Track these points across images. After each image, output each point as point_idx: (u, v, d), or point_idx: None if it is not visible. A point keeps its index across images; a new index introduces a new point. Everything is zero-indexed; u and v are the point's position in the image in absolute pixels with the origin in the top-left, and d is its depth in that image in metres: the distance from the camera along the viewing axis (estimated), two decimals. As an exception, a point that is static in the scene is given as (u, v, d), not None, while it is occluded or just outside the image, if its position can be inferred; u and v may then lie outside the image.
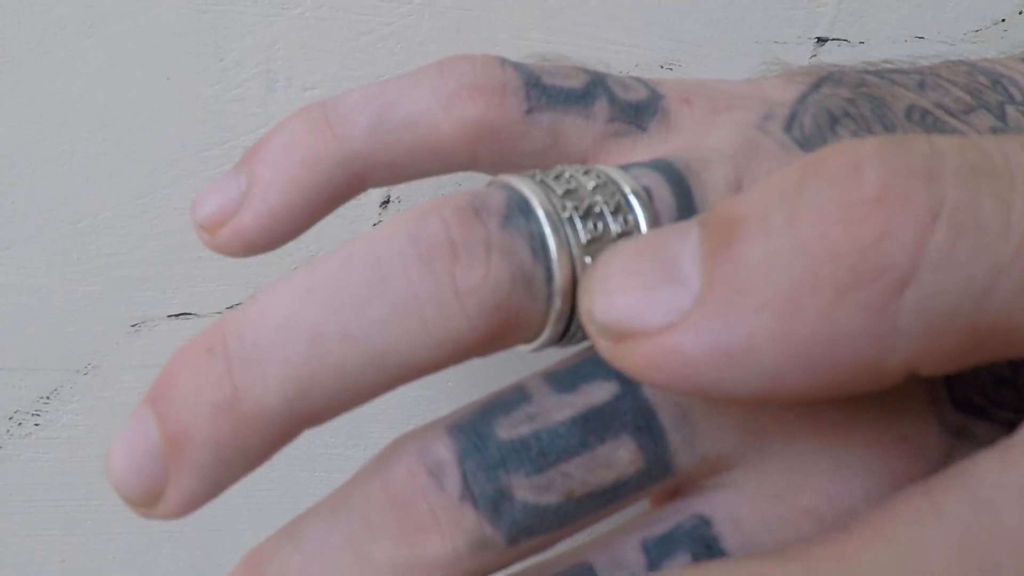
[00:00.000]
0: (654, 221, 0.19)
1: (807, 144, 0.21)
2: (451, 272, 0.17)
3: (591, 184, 0.19)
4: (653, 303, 0.15)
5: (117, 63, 0.32)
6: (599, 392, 0.18)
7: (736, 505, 0.19)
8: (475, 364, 0.37)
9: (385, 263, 0.17)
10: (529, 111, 0.22)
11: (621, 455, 0.18)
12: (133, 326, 0.36)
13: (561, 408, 0.18)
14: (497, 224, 0.17)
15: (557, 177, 0.19)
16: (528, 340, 0.19)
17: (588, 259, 0.18)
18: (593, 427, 0.18)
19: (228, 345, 0.16)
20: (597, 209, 0.18)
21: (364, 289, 0.16)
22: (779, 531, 0.18)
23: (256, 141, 0.23)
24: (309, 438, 0.39)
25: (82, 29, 0.31)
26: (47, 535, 0.39)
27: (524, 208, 0.18)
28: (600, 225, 0.18)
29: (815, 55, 0.34)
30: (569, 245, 0.18)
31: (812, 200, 0.14)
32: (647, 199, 0.19)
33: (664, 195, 0.19)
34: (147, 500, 0.17)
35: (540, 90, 0.22)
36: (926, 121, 0.22)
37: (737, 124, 0.22)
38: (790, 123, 0.22)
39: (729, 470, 0.19)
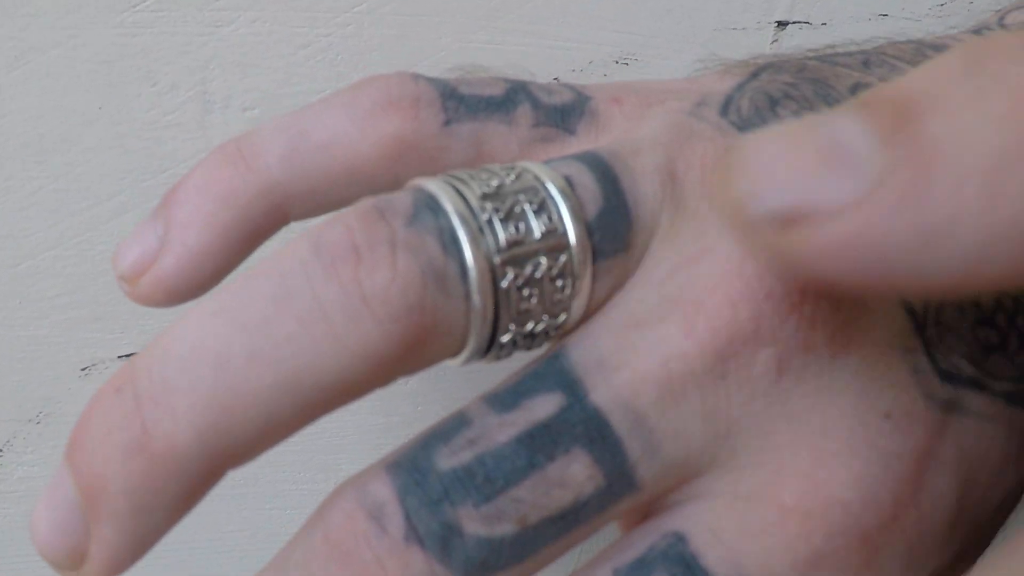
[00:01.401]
0: (577, 212, 0.18)
1: (745, 126, 0.20)
2: (356, 276, 0.16)
3: (510, 180, 0.18)
4: (829, 183, 0.13)
5: (47, 95, 0.31)
6: (543, 406, 0.17)
7: (712, 515, 0.17)
8: (444, 386, 0.36)
9: (289, 276, 0.16)
10: (447, 122, 0.21)
11: (575, 472, 0.17)
12: (83, 369, 0.34)
13: (504, 428, 0.17)
14: (402, 222, 0.16)
15: (472, 177, 0.18)
16: (454, 351, 0.17)
17: (509, 272, 0.17)
18: (540, 444, 0.17)
19: (136, 382, 0.16)
20: (518, 209, 0.17)
21: (268, 305, 0.15)
22: (764, 536, 0.17)
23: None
24: (277, 473, 0.38)
25: (7, 61, 0.30)
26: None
27: (432, 205, 0.17)
28: (522, 227, 0.17)
29: (776, 40, 0.33)
30: (486, 241, 0.17)
31: (997, 74, 0.13)
32: (568, 190, 0.18)
33: (587, 182, 0.18)
34: (71, 562, 0.16)
35: (457, 100, 0.21)
36: None
37: (669, 113, 0.21)
38: (726, 107, 0.21)
39: (699, 477, 0.17)
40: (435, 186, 0.17)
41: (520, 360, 0.19)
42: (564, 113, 0.21)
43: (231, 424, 0.15)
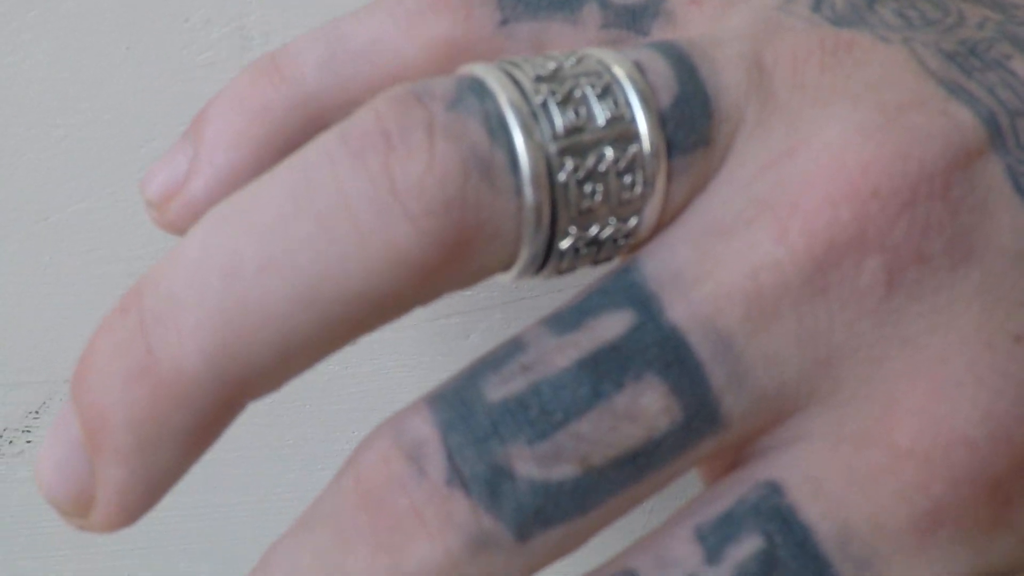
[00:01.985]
0: (648, 98, 0.16)
1: (840, 22, 0.18)
2: (386, 166, 0.14)
3: (570, 64, 0.16)
4: None
5: (67, 36, 0.28)
6: (611, 325, 0.15)
7: (813, 460, 0.15)
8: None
9: (310, 169, 0.14)
10: (504, 22, 0.19)
11: (648, 403, 0.15)
12: (121, 328, 0.32)
13: (564, 351, 0.15)
14: (442, 106, 0.15)
15: (526, 60, 0.16)
16: (505, 261, 0.15)
17: (568, 162, 0.15)
18: (606, 370, 0.15)
19: (143, 299, 0.14)
20: (578, 93, 0.15)
21: (285, 204, 0.14)
22: (874, 486, 0.15)
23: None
24: (328, 433, 0.37)
25: (23, 1, 0.27)
26: (57, 555, 0.36)
27: (478, 90, 0.15)
28: (583, 111, 0.15)
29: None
30: (540, 126, 0.15)
31: None
32: (638, 75, 0.16)
33: (659, 68, 0.16)
34: (78, 508, 0.15)
35: None
36: None
37: (754, 8, 0.18)
38: (819, 3, 0.18)
39: (796, 414, 0.15)
40: (482, 69, 0.15)
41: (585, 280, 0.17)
42: (636, 14, 0.19)
43: (244, 344, 0.14)
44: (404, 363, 0.34)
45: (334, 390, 0.35)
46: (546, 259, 0.16)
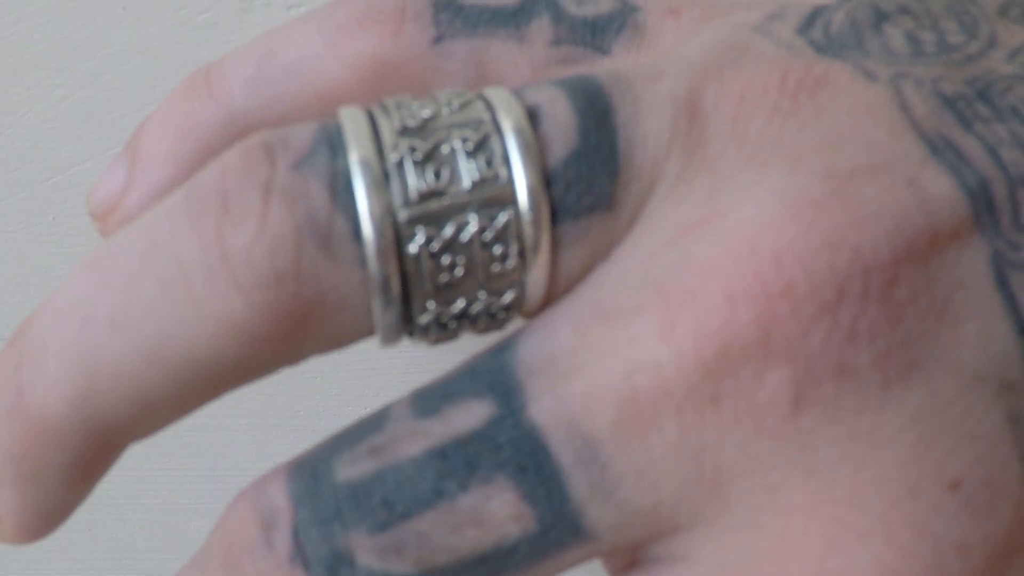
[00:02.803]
0: (532, 154, 0.13)
1: (828, 48, 0.15)
2: (219, 231, 0.13)
3: (449, 111, 0.14)
4: None
5: (65, -7, 0.27)
6: (467, 416, 0.13)
7: None
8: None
9: (156, 227, 0.13)
10: (438, 39, 0.17)
11: (496, 508, 0.13)
12: (123, 292, 0.32)
13: (415, 438, 0.13)
14: (288, 163, 0.13)
15: (402, 105, 0.14)
16: (364, 330, 0.14)
17: (419, 232, 0.13)
18: (454, 467, 0.13)
19: (23, 336, 0.14)
20: (445, 149, 0.13)
21: (133, 260, 0.13)
22: None
23: None
24: (339, 406, 0.36)
25: (20, -45, 0.27)
26: (70, 507, 0.36)
27: (335, 143, 0.14)
28: (444, 173, 0.13)
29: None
30: (390, 189, 0.13)
31: None
32: (526, 125, 0.14)
33: (560, 114, 0.14)
34: None
35: (453, 12, 0.17)
36: None
37: (727, 27, 0.16)
38: (809, 22, 0.15)
39: (680, 532, 0.13)
40: (348, 116, 0.14)
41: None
42: (597, 27, 0.17)
43: (102, 395, 0.13)
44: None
45: (345, 364, 0.34)
46: (408, 332, 0.14)
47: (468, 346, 0.16)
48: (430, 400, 0.14)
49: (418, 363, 0.34)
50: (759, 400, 0.13)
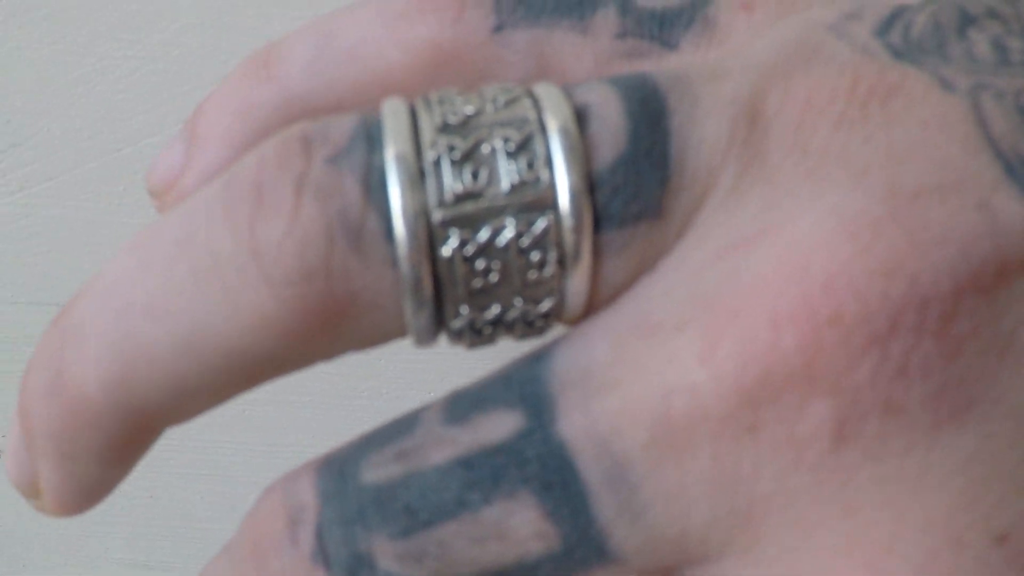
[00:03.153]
0: (578, 157, 0.13)
1: (907, 52, 0.14)
2: (252, 224, 0.13)
3: (494, 107, 0.13)
4: None
5: (140, -37, 0.27)
6: (496, 426, 0.13)
7: None
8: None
9: (194, 215, 0.13)
10: (499, 27, 0.16)
11: (519, 524, 0.13)
12: (189, 266, 0.32)
13: (443, 446, 0.13)
14: (324, 157, 0.13)
15: (445, 100, 0.13)
16: (397, 330, 0.14)
17: (452, 235, 0.13)
18: (479, 478, 0.13)
19: (68, 315, 0.14)
20: (485, 149, 0.13)
21: (171, 247, 0.13)
22: None
23: None
24: (402, 389, 0.35)
25: (96, -77, 0.26)
26: (134, 471, 0.37)
27: (373, 136, 0.13)
28: (482, 174, 0.13)
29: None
30: (425, 188, 0.13)
31: None
32: (573, 125, 0.13)
33: (611, 115, 0.13)
34: (30, 492, 0.15)
35: (516, 0, 0.16)
36: None
37: (801, 24, 0.14)
38: (889, 23, 0.14)
39: (708, 561, 0.13)
40: (391, 109, 0.13)
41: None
42: (665, 20, 0.16)
43: (137, 381, 0.13)
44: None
45: (410, 346, 0.33)
46: (444, 333, 0.14)
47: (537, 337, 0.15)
48: (461, 406, 0.13)
49: (485, 349, 0.34)
50: (799, 431, 0.12)
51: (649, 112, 0.13)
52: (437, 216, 0.12)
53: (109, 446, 0.14)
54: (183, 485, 0.37)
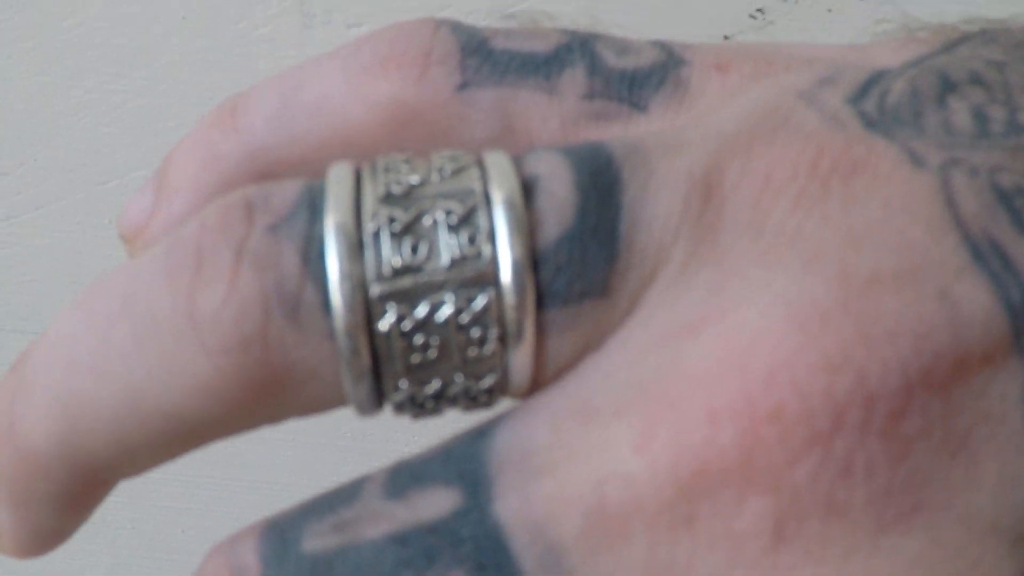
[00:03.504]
0: (522, 232, 0.12)
1: (881, 121, 0.13)
2: (191, 290, 0.13)
3: (440, 177, 0.13)
4: None
5: (125, 1, 0.27)
6: (434, 503, 0.12)
7: None
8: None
9: (138, 275, 0.13)
10: (463, 86, 0.16)
11: None
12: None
13: (379, 520, 0.13)
14: (264, 225, 0.13)
15: (391, 168, 0.13)
16: (338, 400, 0.13)
17: (390, 310, 0.12)
18: (412, 556, 0.12)
19: (24, 363, 0.14)
20: (427, 221, 0.12)
21: (115, 304, 0.13)
22: None
23: None
24: (387, 432, 0.35)
25: (84, -42, 0.26)
26: (115, 501, 0.37)
27: (316, 205, 0.13)
28: (422, 248, 0.12)
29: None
30: (363, 261, 0.12)
31: None
32: (518, 199, 0.12)
33: (559, 188, 0.13)
34: None
35: (482, 57, 0.16)
36: None
37: (771, 91, 0.14)
38: (864, 90, 0.14)
39: None
40: (336, 176, 0.13)
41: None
42: (635, 81, 0.15)
43: (82, 436, 0.13)
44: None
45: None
46: (376, 403, 0.13)
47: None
48: (401, 480, 0.13)
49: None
50: (737, 528, 0.11)
51: (600, 185, 0.13)
52: (375, 290, 0.12)
53: (60, 496, 0.14)
54: (166, 518, 0.37)
